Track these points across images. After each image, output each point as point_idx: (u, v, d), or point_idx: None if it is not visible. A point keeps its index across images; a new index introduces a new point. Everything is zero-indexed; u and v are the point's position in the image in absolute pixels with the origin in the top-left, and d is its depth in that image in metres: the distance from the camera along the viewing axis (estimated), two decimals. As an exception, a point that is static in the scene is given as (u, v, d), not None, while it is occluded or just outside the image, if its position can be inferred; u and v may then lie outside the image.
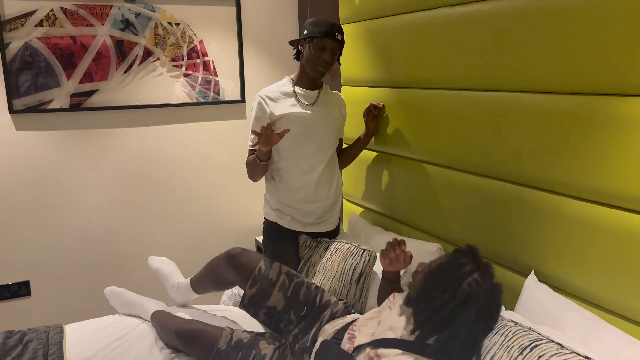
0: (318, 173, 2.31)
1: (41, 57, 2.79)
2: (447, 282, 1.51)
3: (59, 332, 2.11)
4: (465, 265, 1.53)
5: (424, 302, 1.53)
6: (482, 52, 1.89)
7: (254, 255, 2.04)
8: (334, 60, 2.25)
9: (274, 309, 1.92)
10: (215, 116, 3.27)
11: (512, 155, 1.82)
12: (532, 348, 1.33)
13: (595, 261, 1.59)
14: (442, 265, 1.56)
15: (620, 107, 1.48)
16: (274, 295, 1.92)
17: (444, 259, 1.60)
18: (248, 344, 1.81)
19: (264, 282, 1.94)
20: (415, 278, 1.62)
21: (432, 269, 1.57)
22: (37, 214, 2.93)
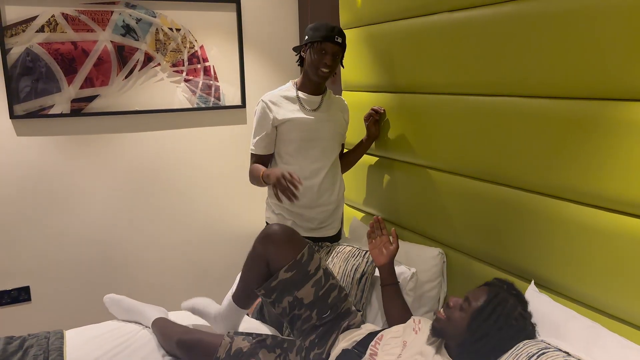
0: (320, 178, 2.31)
1: (42, 62, 2.80)
2: (496, 320, 1.51)
3: (60, 338, 2.11)
4: (508, 299, 1.56)
5: (473, 341, 1.53)
6: (483, 57, 1.89)
7: (296, 236, 1.91)
8: (336, 63, 2.24)
9: (301, 301, 1.84)
10: (216, 121, 3.27)
11: (513, 160, 1.82)
12: (539, 356, 1.34)
13: (596, 266, 1.58)
14: (488, 303, 1.55)
15: (620, 112, 1.48)
16: (306, 288, 1.84)
17: (483, 295, 1.59)
18: (248, 353, 1.80)
19: (301, 272, 1.84)
20: (453, 314, 1.60)
21: (478, 308, 1.56)
22: (37, 219, 2.93)
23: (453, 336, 1.59)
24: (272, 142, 2.30)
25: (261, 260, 1.89)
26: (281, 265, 1.84)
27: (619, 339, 1.50)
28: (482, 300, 1.57)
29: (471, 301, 1.58)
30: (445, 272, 2.21)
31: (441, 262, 2.20)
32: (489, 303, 1.55)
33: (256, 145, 2.30)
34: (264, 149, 2.30)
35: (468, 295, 1.61)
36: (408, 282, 2.12)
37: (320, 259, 1.91)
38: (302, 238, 1.92)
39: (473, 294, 1.61)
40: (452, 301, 1.63)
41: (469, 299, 1.59)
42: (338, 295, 1.89)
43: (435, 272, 2.19)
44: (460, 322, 1.56)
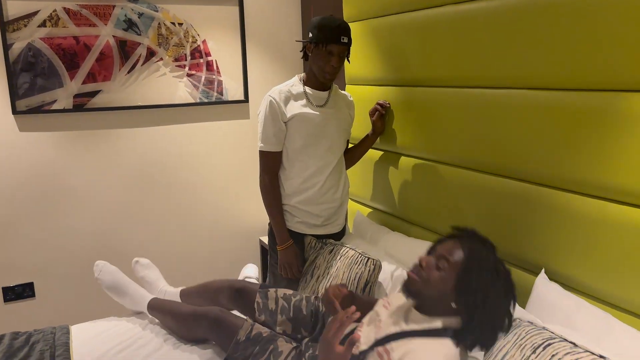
0: (326, 175, 2.30)
1: (44, 57, 2.79)
2: (484, 275, 1.45)
3: (66, 333, 2.11)
4: (483, 249, 1.51)
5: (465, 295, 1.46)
6: (489, 49, 1.88)
7: (252, 287, 2.06)
8: (342, 63, 2.20)
9: (284, 333, 1.94)
10: (218, 116, 3.26)
11: (522, 152, 1.81)
12: (545, 347, 1.32)
13: (606, 259, 1.58)
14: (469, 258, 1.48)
15: (629, 103, 1.48)
16: (279, 321, 1.95)
17: (457, 249, 1.51)
18: (267, 338, 1.82)
19: (267, 315, 1.97)
20: (430, 275, 1.51)
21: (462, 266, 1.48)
22: (40, 215, 2.92)
23: (431, 297, 1.51)
24: (283, 138, 2.24)
25: (218, 303, 2.11)
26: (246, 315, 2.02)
27: (631, 330, 1.49)
28: (459, 255, 1.49)
29: (448, 258, 1.49)
30: (451, 266, 2.20)
31: (448, 256, 2.18)
32: (471, 258, 1.48)
33: (267, 142, 2.23)
34: (275, 145, 2.23)
35: (441, 252, 1.52)
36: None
37: (275, 291, 1.99)
38: (254, 286, 2.05)
39: (445, 250, 1.52)
40: (424, 261, 1.53)
41: (444, 256, 1.50)
42: (308, 303, 1.98)
43: (442, 266, 2.18)
44: (439, 283, 1.48)
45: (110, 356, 1.95)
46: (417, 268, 1.55)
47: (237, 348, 1.81)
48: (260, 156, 2.28)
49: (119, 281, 2.26)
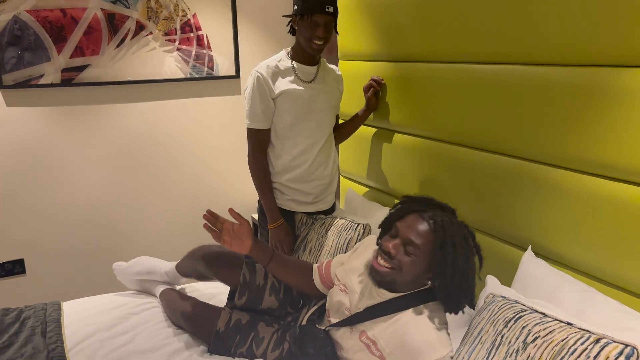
0: (315, 152, 2.28)
1: (30, 30, 2.73)
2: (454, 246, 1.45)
3: (57, 309, 2.11)
4: (443, 215, 1.51)
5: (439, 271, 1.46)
6: (485, 24, 1.86)
7: (233, 255, 1.95)
8: (330, 33, 2.15)
9: (269, 309, 1.89)
10: (209, 92, 3.22)
11: (514, 129, 1.81)
12: (517, 320, 1.35)
13: (593, 233, 1.59)
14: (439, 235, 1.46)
15: (624, 79, 1.47)
16: (266, 299, 1.89)
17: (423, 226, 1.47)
18: (247, 325, 1.81)
19: (253, 291, 1.88)
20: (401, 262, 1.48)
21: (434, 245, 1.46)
22: (29, 191, 2.89)
23: (405, 281, 1.50)
24: (271, 115, 2.21)
25: (199, 274, 2.06)
26: (229, 284, 1.95)
27: (613, 303, 1.51)
28: (428, 235, 1.46)
29: (416, 242, 1.45)
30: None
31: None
32: (439, 236, 1.45)
33: (255, 120, 2.19)
34: (264, 122, 2.20)
35: (406, 235, 1.46)
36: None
37: (264, 268, 1.90)
38: (239, 256, 1.94)
39: (411, 231, 1.46)
40: (391, 248, 1.48)
41: (411, 240, 1.45)
42: None
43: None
44: (413, 267, 1.46)
45: (103, 332, 1.95)
46: (386, 258, 1.49)
47: (219, 339, 1.81)
48: (248, 134, 2.24)
49: (144, 267, 2.29)
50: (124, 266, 2.31)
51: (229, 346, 1.80)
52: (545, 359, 1.20)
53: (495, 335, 1.35)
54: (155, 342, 1.89)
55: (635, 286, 1.52)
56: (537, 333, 1.26)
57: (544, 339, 1.24)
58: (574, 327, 1.25)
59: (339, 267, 1.77)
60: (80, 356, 1.81)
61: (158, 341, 1.90)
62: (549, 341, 1.22)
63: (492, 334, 1.36)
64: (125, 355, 1.81)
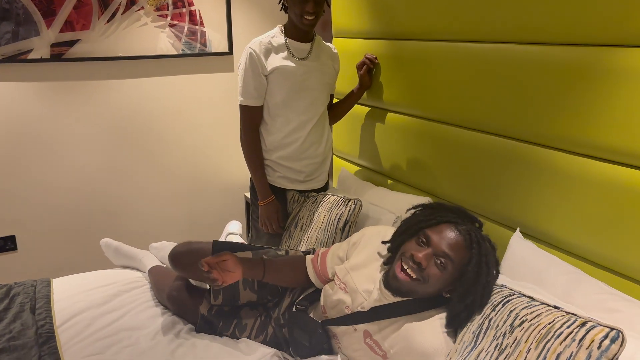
0: (308, 130, 2.26)
1: (19, 4, 2.67)
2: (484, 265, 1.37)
3: (47, 286, 2.10)
4: (477, 230, 1.43)
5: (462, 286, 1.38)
6: (478, 2, 1.83)
7: (197, 249, 1.87)
8: (320, 7, 2.10)
9: (250, 302, 1.83)
10: (201, 68, 3.18)
11: (507, 108, 1.79)
12: (504, 304, 1.35)
13: (585, 215, 1.59)
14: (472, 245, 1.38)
15: (620, 58, 1.45)
16: (242, 293, 1.80)
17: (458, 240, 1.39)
18: (229, 312, 1.80)
19: (226, 288, 1.80)
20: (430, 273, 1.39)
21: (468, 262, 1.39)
22: (20, 167, 2.87)
23: (427, 294, 1.43)
24: (264, 92, 2.19)
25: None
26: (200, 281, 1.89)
27: (600, 284, 1.52)
28: (463, 251, 1.38)
29: (451, 257, 1.37)
30: (433, 221, 2.21)
31: (430, 211, 2.19)
32: (477, 254, 1.37)
33: (247, 96, 2.17)
34: (256, 99, 2.18)
35: (441, 248, 1.38)
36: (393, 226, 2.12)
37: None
38: (205, 248, 1.86)
39: (446, 243, 1.38)
40: (423, 259, 1.38)
41: (446, 253, 1.38)
42: None
43: (424, 222, 2.18)
44: (439, 281, 1.39)
45: (92, 309, 1.95)
46: (415, 268, 1.39)
47: (204, 321, 1.80)
48: (240, 110, 2.22)
49: (126, 254, 2.31)
50: (114, 245, 2.32)
51: (214, 328, 1.80)
52: (532, 342, 1.20)
53: (482, 319, 1.35)
54: (145, 319, 1.89)
55: (622, 267, 1.52)
56: (524, 317, 1.26)
57: (530, 322, 1.24)
58: (560, 310, 1.24)
59: (337, 264, 1.69)
60: (69, 332, 1.81)
61: (147, 318, 1.90)
62: (536, 324, 1.22)
63: (478, 318, 1.36)
64: (115, 332, 1.81)
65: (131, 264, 2.30)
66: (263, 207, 2.27)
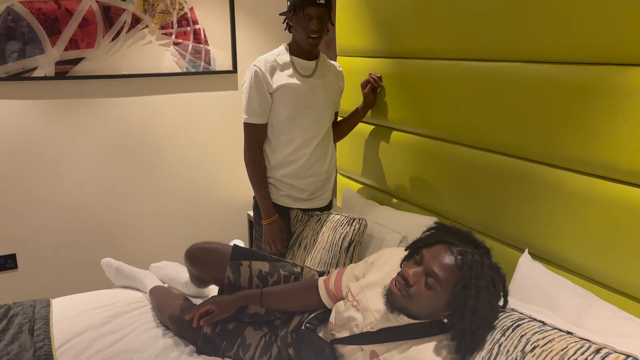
0: (312, 148, 2.24)
1: (24, 22, 2.68)
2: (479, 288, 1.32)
3: (46, 307, 2.07)
4: (473, 253, 1.38)
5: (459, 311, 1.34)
6: (486, 21, 1.82)
7: (216, 249, 1.89)
8: (324, 25, 2.11)
9: (256, 314, 1.80)
10: (206, 87, 3.18)
11: (512, 127, 1.77)
12: (514, 329, 1.31)
13: (593, 236, 1.55)
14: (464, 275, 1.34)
15: (625, 77, 1.43)
16: (250, 305, 1.80)
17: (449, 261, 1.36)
18: (233, 331, 1.77)
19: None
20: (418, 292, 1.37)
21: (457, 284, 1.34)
22: (23, 185, 2.85)
23: (420, 313, 1.41)
24: (268, 110, 2.18)
25: (193, 275, 2.01)
26: (217, 283, 1.91)
27: (612, 308, 1.48)
28: (453, 272, 1.34)
29: (439, 276, 1.34)
30: (440, 242, 2.17)
31: (436, 231, 2.15)
32: (466, 275, 1.32)
33: (252, 114, 2.17)
34: (260, 117, 2.17)
35: (430, 266, 1.36)
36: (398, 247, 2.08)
37: (249, 265, 1.84)
38: (224, 250, 1.88)
39: (436, 262, 1.35)
40: (411, 276, 1.37)
41: (434, 272, 1.35)
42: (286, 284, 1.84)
43: (430, 243, 2.15)
44: (430, 301, 1.36)
45: (92, 330, 1.91)
46: (402, 283, 1.39)
47: (206, 341, 1.76)
48: (244, 128, 2.21)
49: (127, 274, 2.28)
50: (115, 265, 2.28)
51: (216, 349, 1.76)
52: (544, 368, 1.16)
53: (492, 344, 1.31)
54: (145, 341, 1.85)
55: (635, 290, 1.48)
56: (535, 342, 1.22)
57: (542, 348, 1.20)
58: (573, 336, 1.20)
59: (352, 282, 1.67)
60: (68, 355, 1.77)
61: (147, 340, 1.86)
62: (548, 350, 1.18)
63: (489, 343, 1.32)
64: (114, 354, 1.77)
65: (132, 284, 2.26)
66: (267, 226, 2.25)
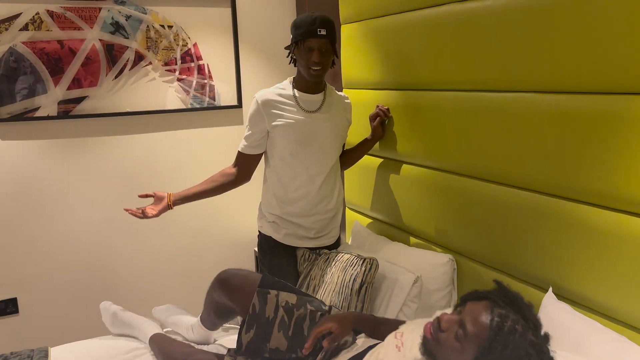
0: (318, 185, 2.17)
1: (27, 62, 2.66)
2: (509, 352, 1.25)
3: (44, 357, 1.98)
4: (517, 322, 1.28)
5: None
6: (495, 51, 1.76)
7: (247, 276, 1.85)
8: (327, 57, 2.06)
9: (277, 350, 1.71)
10: (211, 122, 3.14)
11: (529, 160, 1.69)
12: None
13: (621, 275, 1.46)
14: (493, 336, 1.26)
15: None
16: (275, 335, 1.72)
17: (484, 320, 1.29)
18: None
19: (261, 323, 1.73)
20: (446, 340, 1.32)
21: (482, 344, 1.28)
22: (25, 227, 2.79)
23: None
24: (260, 144, 2.17)
25: (216, 305, 1.93)
26: (241, 311, 1.82)
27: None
28: (483, 328, 1.28)
29: (468, 329, 1.29)
30: (455, 280, 2.08)
31: (451, 269, 2.06)
32: (495, 335, 1.26)
33: (244, 143, 2.19)
34: (250, 149, 2.18)
35: (465, 318, 1.32)
36: (412, 288, 1.99)
37: (277, 295, 1.76)
38: (254, 279, 1.82)
39: (470, 316, 1.32)
40: (444, 321, 1.34)
41: (466, 325, 1.30)
42: (312, 322, 1.74)
43: (445, 280, 2.06)
44: (455, 354, 1.31)
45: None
46: (435, 326, 1.35)
47: None
48: (237, 154, 2.23)
49: (124, 321, 2.18)
50: (112, 310, 2.19)
51: None
52: None
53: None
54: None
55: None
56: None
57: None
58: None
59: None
60: (66, 410, 1.68)
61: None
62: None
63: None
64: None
65: (128, 331, 2.15)
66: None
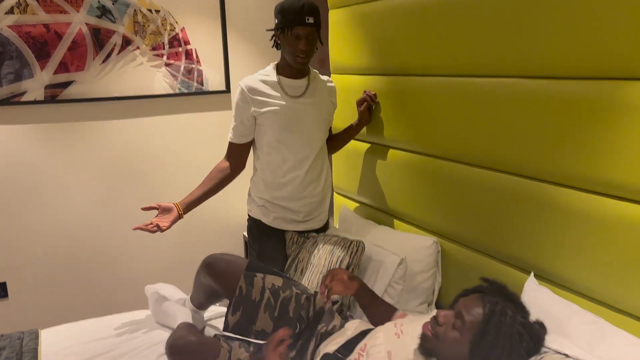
0: (305, 169, 2.19)
1: (12, 46, 2.64)
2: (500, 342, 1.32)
3: (34, 339, 2.00)
4: (507, 306, 1.37)
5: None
6: (481, 36, 1.78)
7: (232, 261, 1.88)
8: (313, 46, 2.07)
9: (263, 332, 1.76)
10: (199, 107, 3.14)
11: (514, 145, 1.72)
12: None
13: (601, 257, 1.50)
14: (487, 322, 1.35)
15: (627, 92, 1.39)
16: (260, 317, 1.76)
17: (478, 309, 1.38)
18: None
19: (247, 305, 1.77)
20: (445, 334, 1.39)
21: (478, 331, 1.35)
22: (12, 212, 2.79)
23: (446, 357, 1.41)
24: (249, 132, 2.18)
25: (205, 288, 1.94)
26: (227, 295, 1.83)
27: (625, 335, 1.42)
28: (477, 315, 1.37)
29: (464, 317, 1.37)
30: (439, 262, 2.12)
31: (435, 251, 2.10)
32: (488, 321, 1.34)
33: (232, 133, 2.21)
34: (239, 138, 2.19)
35: (460, 310, 1.40)
36: (396, 270, 2.03)
37: (263, 278, 1.79)
38: (239, 264, 1.85)
39: (465, 306, 1.40)
40: (441, 317, 1.42)
41: (462, 315, 1.38)
42: (297, 305, 1.78)
43: (430, 263, 2.10)
44: (454, 344, 1.38)
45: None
46: (433, 323, 1.42)
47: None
48: (228, 146, 2.25)
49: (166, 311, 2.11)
50: (155, 297, 2.15)
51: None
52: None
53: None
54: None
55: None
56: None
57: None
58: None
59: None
60: (56, 391, 1.70)
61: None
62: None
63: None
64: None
65: (167, 322, 2.08)
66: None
